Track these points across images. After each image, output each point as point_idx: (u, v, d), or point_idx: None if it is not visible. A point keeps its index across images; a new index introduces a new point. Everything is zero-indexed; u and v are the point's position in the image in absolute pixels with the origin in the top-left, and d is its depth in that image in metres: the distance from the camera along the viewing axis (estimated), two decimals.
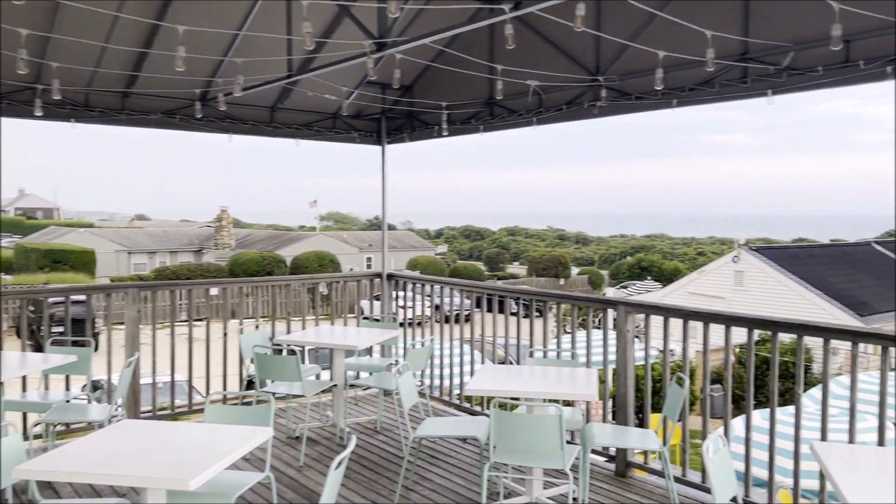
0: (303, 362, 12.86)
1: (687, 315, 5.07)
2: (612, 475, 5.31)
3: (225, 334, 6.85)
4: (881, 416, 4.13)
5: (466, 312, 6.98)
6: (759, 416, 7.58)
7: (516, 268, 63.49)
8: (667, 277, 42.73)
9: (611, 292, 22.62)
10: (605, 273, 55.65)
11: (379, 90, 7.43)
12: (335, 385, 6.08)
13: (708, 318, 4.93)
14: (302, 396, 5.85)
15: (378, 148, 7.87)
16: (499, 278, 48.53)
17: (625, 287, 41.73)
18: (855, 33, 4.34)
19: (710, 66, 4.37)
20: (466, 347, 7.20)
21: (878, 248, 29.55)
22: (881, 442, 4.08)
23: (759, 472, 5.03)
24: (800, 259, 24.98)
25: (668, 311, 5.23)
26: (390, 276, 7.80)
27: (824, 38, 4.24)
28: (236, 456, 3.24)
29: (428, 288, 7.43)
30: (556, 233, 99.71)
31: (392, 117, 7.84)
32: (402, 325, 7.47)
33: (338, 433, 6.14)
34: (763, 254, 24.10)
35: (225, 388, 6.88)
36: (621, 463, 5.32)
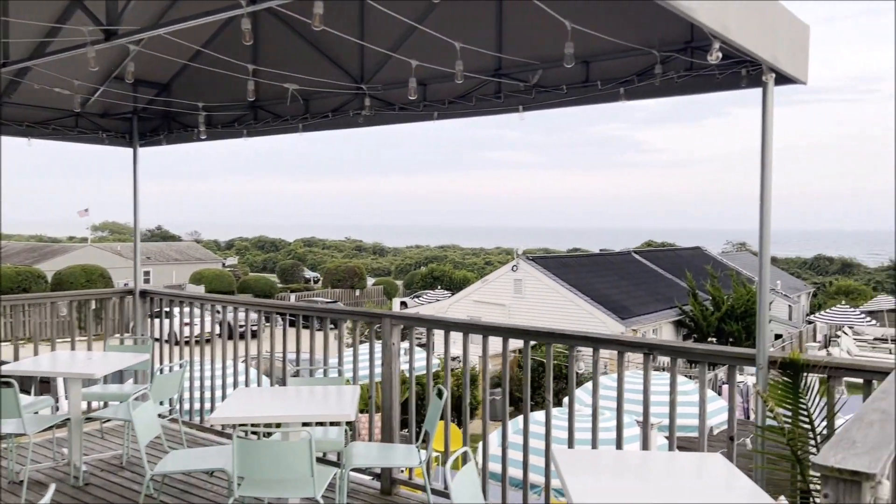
0: (54, 393, 11.35)
1: (448, 326, 5.08)
2: (378, 494, 5.16)
3: None
4: (618, 418, 4.36)
5: (254, 328, 6.50)
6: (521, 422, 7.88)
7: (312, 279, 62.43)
8: (457, 286, 44.37)
9: (396, 305, 22.86)
10: (400, 283, 56.58)
11: (131, 88, 6.74)
12: (68, 418, 5.33)
13: (467, 328, 4.96)
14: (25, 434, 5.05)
15: (132, 150, 7.14)
16: (292, 291, 47.36)
17: (418, 296, 42.63)
18: (593, 55, 4.60)
19: (458, 78, 4.40)
20: (243, 367, 6.71)
21: (637, 257, 32.93)
22: (619, 444, 4.31)
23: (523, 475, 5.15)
24: (571, 268, 27.04)
25: (430, 323, 5.20)
26: (144, 294, 7.08)
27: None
28: None
29: (215, 305, 6.84)
30: (354, 244, 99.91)
31: (146, 118, 7.15)
32: (177, 343, 6.81)
33: (73, 472, 5.39)
34: (539, 263, 25.78)
35: None
36: (386, 481, 5.19)
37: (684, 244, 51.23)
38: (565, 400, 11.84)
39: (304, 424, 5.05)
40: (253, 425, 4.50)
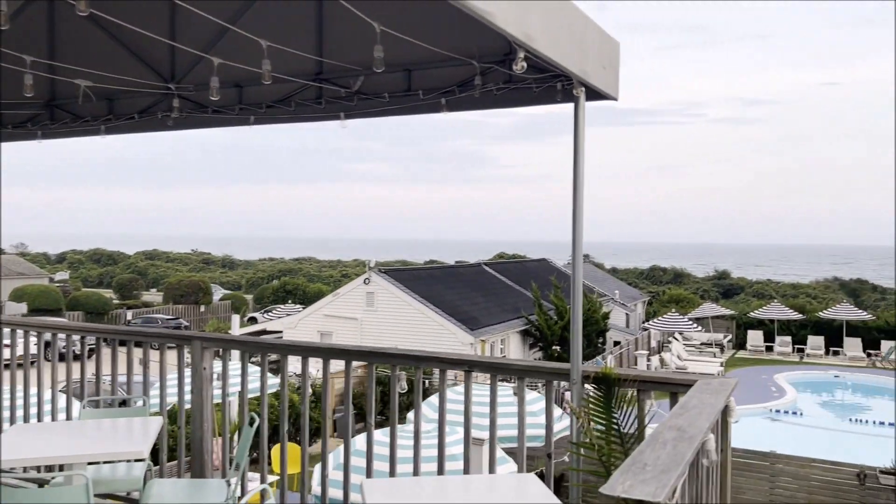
0: None
1: (264, 348, 4.73)
2: None
3: None
4: (440, 438, 4.21)
5: (90, 348, 5.74)
6: (361, 441, 7.61)
7: (153, 295, 58.82)
8: (311, 300, 43.31)
9: (235, 326, 21.74)
10: (250, 298, 54.53)
11: None
12: None
13: (285, 349, 4.63)
14: None
15: None
16: (129, 307, 44.20)
17: (268, 311, 41.19)
18: (415, 63, 4.45)
19: (266, 78, 4.09)
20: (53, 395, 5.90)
21: (487, 269, 33.69)
22: (441, 467, 4.16)
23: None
24: (423, 280, 27.15)
25: (244, 345, 4.82)
26: None
27: (392, 65, 4.25)
28: None
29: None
30: (202, 256, 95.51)
31: None
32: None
33: None
34: (391, 276, 25.65)
35: None
36: None
37: (534, 256, 53.25)
38: (409, 416, 11.63)
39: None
40: (25, 468, 3.92)
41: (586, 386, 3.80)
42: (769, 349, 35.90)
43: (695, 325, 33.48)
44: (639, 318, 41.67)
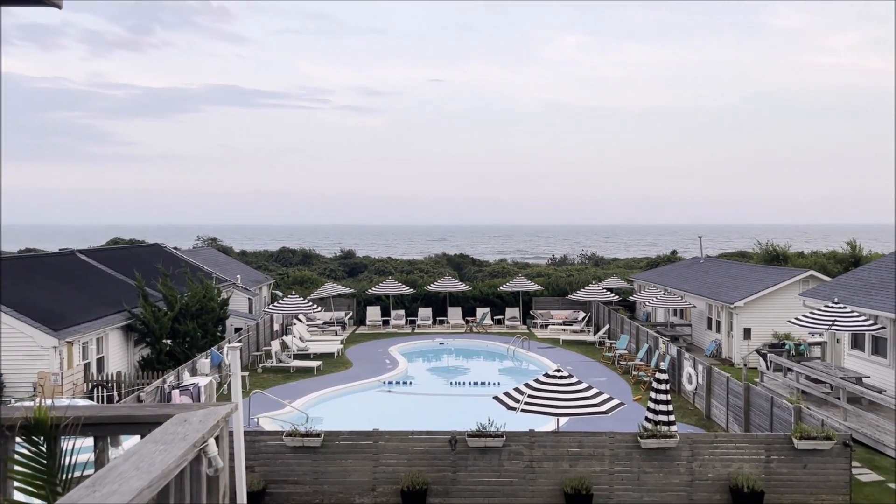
0: None
1: None
2: None
3: None
4: None
5: None
6: None
7: None
8: None
9: None
10: None
11: None
12: None
13: None
14: None
15: None
16: None
17: None
18: None
19: None
20: None
21: (83, 257, 29.31)
22: None
23: None
24: None
25: None
26: None
27: None
28: None
29: None
30: None
31: None
32: None
33: None
34: None
35: None
36: None
37: (157, 240, 48.70)
38: None
39: None
40: None
41: (18, 440, 2.49)
42: (386, 323, 37.99)
43: (315, 306, 33.68)
44: (264, 301, 40.75)
